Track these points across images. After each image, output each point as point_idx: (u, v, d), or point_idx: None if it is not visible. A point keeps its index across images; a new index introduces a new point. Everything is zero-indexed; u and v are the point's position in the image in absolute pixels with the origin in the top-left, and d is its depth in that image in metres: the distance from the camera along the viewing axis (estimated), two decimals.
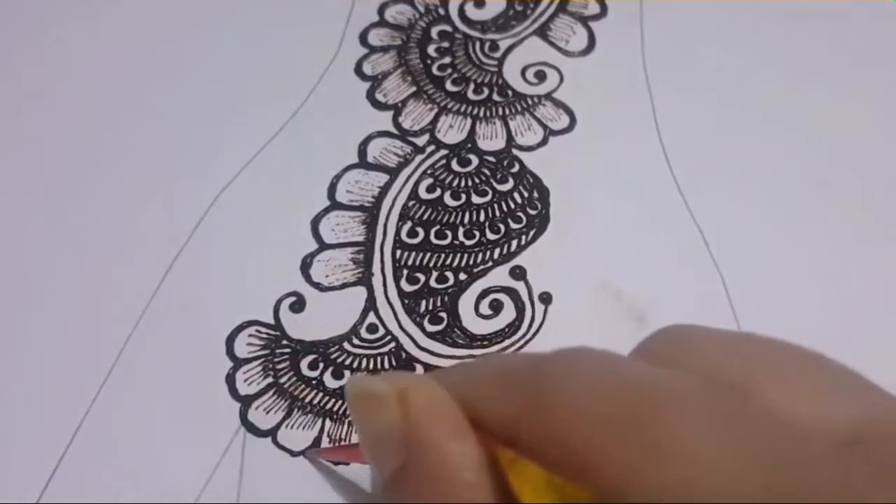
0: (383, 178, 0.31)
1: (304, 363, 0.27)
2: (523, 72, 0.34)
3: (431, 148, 0.32)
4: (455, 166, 0.31)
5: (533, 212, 0.30)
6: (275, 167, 0.31)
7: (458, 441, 0.16)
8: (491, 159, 0.32)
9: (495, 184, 0.31)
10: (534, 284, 0.29)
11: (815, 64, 0.34)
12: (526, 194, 0.31)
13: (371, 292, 0.29)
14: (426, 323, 0.28)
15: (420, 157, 0.32)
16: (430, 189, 0.31)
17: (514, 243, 0.30)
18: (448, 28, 0.35)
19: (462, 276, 0.29)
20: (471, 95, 0.33)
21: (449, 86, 0.33)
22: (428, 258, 0.29)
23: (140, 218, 0.30)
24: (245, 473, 0.25)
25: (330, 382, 0.27)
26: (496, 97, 0.33)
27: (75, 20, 0.35)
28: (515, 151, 0.32)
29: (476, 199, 0.31)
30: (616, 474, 0.13)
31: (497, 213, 0.30)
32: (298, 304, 0.28)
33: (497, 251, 0.29)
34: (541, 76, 0.34)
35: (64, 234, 0.30)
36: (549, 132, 0.32)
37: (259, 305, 0.28)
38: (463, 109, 0.33)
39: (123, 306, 0.28)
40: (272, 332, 0.28)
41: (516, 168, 0.31)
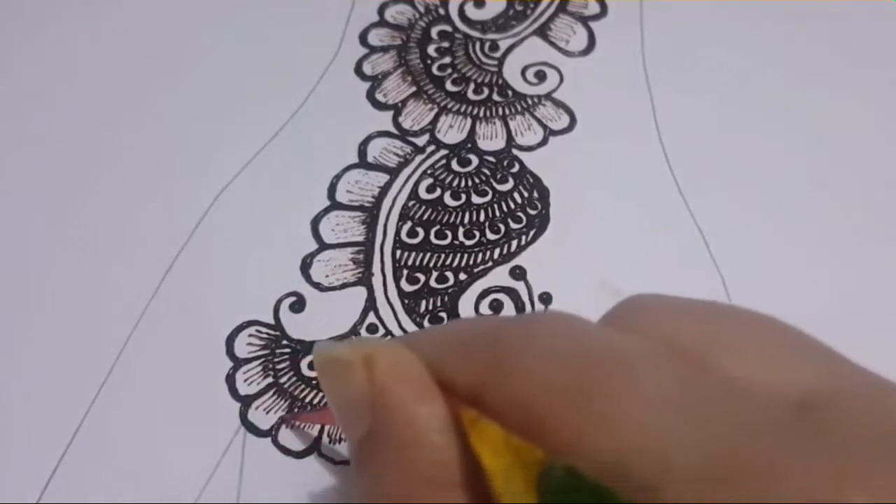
0: (383, 178, 0.31)
1: (305, 363, 0.27)
2: (523, 72, 0.34)
3: (431, 148, 0.32)
4: (455, 166, 0.31)
5: (533, 212, 0.30)
6: (275, 167, 0.31)
7: (424, 403, 0.16)
8: (491, 159, 0.32)
9: (495, 184, 0.31)
10: (534, 284, 0.29)
11: (815, 64, 0.34)
12: (526, 194, 0.31)
13: (371, 292, 0.29)
14: (426, 323, 0.28)
15: (420, 157, 0.32)
16: (430, 189, 0.31)
17: (514, 243, 0.30)
18: (448, 28, 0.35)
19: (462, 277, 0.29)
20: (471, 95, 0.33)
21: (449, 86, 0.33)
22: (428, 258, 0.29)
23: (140, 218, 0.30)
24: (245, 473, 0.25)
25: None
26: (496, 97, 0.33)
27: (75, 20, 0.35)
28: (515, 151, 0.32)
29: (476, 199, 0.31)
30: (568, 437, 0.14)
31: (497, 213, 0.30)
32: (298, 304, 0.28)
33: (497, 251, 0.29)
34: (541, 76, 0.34)
35: (64, 234, 0.30)
36: (549, 132, 0.32)
37: (259, 305, 0.28)
38: (463, 109, 0.33)
39: (123, 306, 0.28)
40: (272, 332, 0.28)
41: (516, 168, 0.31)
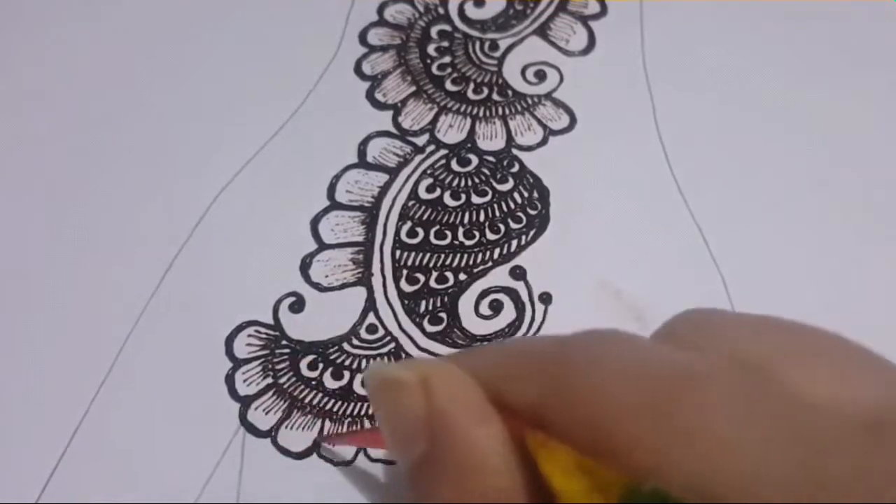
0: (383, 178, 0.31)
1: (304, 363, 0.27)
2: (523, 71, 0.34)
3: (431, 148, 0.32)
4: (455, 166, 0.31)
5: (533, 212, 0.30)
6: (274, 167, 0.31)
7: (484, 426, 0.16)
8: (491, 159, 0.32)
9: (495, 184, 0.31)
10: (534, 284, 0.29)
11: (815, 64, 0.34)
12: (526, 194, 0.31)
13: (371, 293, 0.29)
14: (426, 323, 0.28)
15: (420, 157, 0.32)
16: (430, 189, 0.31)
17: (514, 243, 0.30)
18: (448, 27, 0.35)
19: (462, 277, 0.29)
20: (471, 95, 0.33)
21: (449, 85, 0.33)
22: (428, 258, 0.29)
23: (140, 218, 0.30)
24: (245, 474, 0.25)
25: (329, 383, 0.27)
26: (496, 97, 0.33)
27: (75, 20, 0.35)
28: (515, 151, 0.32)
29: (476, 199, 0.31)
30: (647, 457, 0.14)
31: (497, 213, 0.30)
32: (298, 305, 0.28)
33: (497, 251, 0.29)
34: (541, 76, 0.34)
35: (64, 234, 0.30)
36: (549, 132, 0.32)
37: (258, 305, 0.28)
38: (463, 109, 0.33)
39: (123, 306, 0.28)
40: (272, 333, 0.28)
41: (516, 168, 0.31)
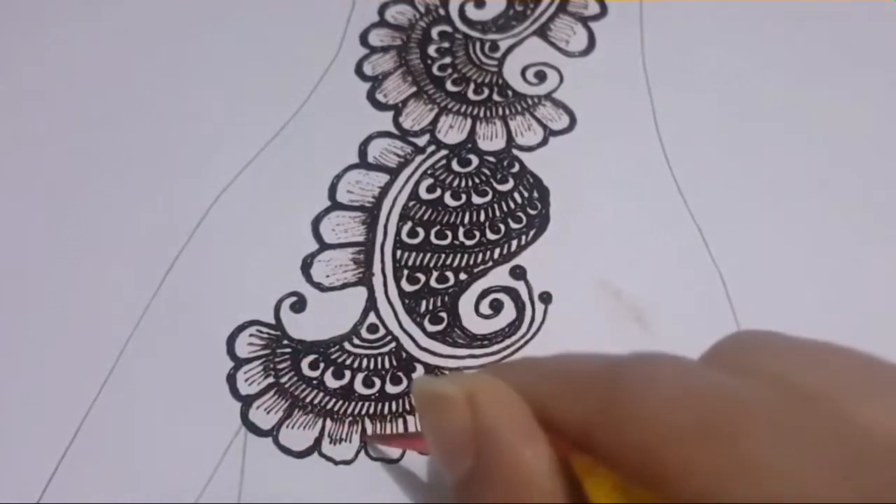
0: (384, 179, 0.31)
1: (305, 363, 0.27)
2: (523, 72, 0.34)
3: (432, 148, 0.32)
4: (455, 166, 0.31)
5: (533, 212, 0.30)
6: (275, 167, 0.31)
7: (530, 444, 0.16)
8: (491, 159, 0.32)
9: (495, 184, 0.31)
10: (534, 284, 0.29)
11: (815, 64, 0.34)
12: (526, 194, 0.31)
13: (371, 292, 0.29)
14: (426, 323, 0.28)
15: (420, 158, 0.32)
16: (431, 189, 0.31)
17: (514, 243, 0.30)
18: (448, 28, 0.35)
19: (462, 276, 0.29)
20: (471, 95, 0.33)
21: (449, 86, 0.33)
22: (428, 258, 0.29)
23: (140, 218, 0.30)
24: (246, 473, 0.25)
25: (331, 382, 0.27)
26: (496, 97, 0.33)
27: (75, 20, 0.35)
28: (515, 151, 0.32)
29: (476, 200, 0.31)
30: (704, 486, 0.13)
31: (497, 213, 0.30)
32: (299, 304, 0.28)
33: (497, 251, 0.30)
34: (541, 76, 0.34)
35: (64, 234, 0.30)
36: (549, 132, 0.32)
37: (260, 305, 0.28)
38: (463, 110, 0.33)
39: (124, 306, 0.28)
40: (273, 332, 0.28)
41: (516, 168, 0.31)
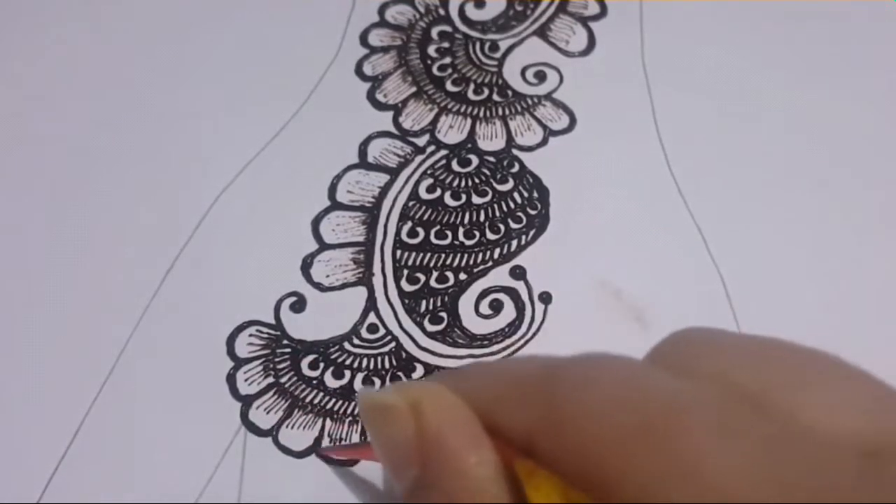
0: (384, 179, 0.31)
1: (305, 363, 0.27)
2: (523, 72, 0.34)
3: (432, 148, 0.32)
4: (455, 166, 0.31)
5: (533, 212, 0.30)
6: (275, 167, 0.31)
7: (475, 450, 0.16)
8: (491, 159, 0.32)
9: (495, 184, 0.31)
10: (534, 284, 0.29)
11: (815, 64, 0.34)
12: (526, 194, 0.31)
13: (371, 292, 0.29)
14: (426, 323, 0.28)
15: (420, 158, 0.32)
16: (431, 189, 0.31)
17: (514, 243, 0.30)
18: (448, 28, 0.35)
19: (462, 276, 0.29)
20: (471, 96, 0.33)
21: (449, 86, 0.33)
22: (428, 258, 0.29)
23: (141, 218, 0.30)
24: (246, 473, 0.25)
25: (330, 382, 0.27)
26: (496, 97, 0.33)
27: (75, 20, 0.35)
28: (515, 151, 0.32)
29: (476, 200, 0.31)
30: (640, 487, 0.13)
31: (497, 213, 0.30)
32: (299, 304, 0.28)
33: (497, 251, 0.30)
34: (541, 76, 0.34)
35: (64, 234, 0.30)
36: (549, 132, 0.32)
37: (260, 305, 0.28)
38: (463, 110, 0.33)
39: (124, 306, 0.28)
40: (273, 332, 0.28)
41: (516, 168, 0.31)
